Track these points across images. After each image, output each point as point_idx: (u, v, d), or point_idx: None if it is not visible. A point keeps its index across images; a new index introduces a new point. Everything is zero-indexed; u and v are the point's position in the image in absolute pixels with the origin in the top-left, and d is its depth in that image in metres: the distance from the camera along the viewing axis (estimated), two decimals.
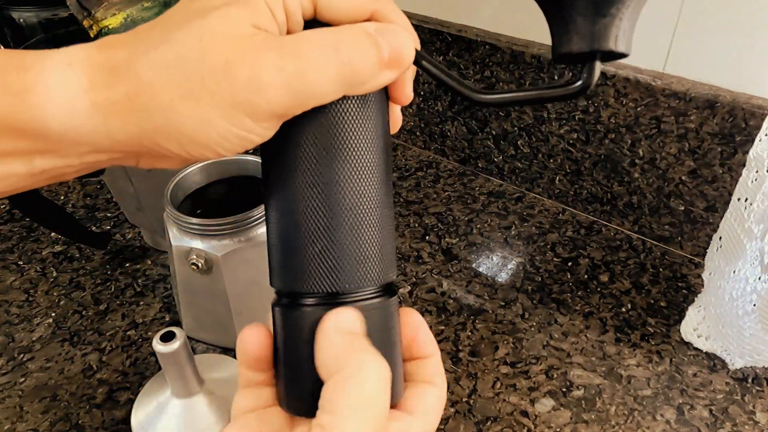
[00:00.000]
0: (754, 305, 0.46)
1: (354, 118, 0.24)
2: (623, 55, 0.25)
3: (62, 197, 0.75)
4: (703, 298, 0.52)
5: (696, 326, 0.53)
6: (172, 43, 0.21)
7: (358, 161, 0.24)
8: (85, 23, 0.52)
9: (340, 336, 0.23)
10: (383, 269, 0.25)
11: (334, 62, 0.22)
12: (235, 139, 0.22)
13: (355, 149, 0.24)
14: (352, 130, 0.24)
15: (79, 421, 0.49)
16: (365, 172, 0.24)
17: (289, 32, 0.23)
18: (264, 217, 0.48)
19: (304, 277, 0.24)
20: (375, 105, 0.25)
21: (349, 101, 0.24)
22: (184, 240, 0.49)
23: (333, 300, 0.24)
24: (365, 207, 0.25)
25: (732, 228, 0.47)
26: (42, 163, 0.22)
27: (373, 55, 0.23)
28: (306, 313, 0.24)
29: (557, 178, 0.70)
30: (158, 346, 0.40)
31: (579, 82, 0.25)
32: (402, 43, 0.23)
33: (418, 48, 0.25)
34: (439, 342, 0.55)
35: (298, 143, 0.24)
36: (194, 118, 0.21)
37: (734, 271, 0.47)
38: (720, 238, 0.49)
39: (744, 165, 0.45)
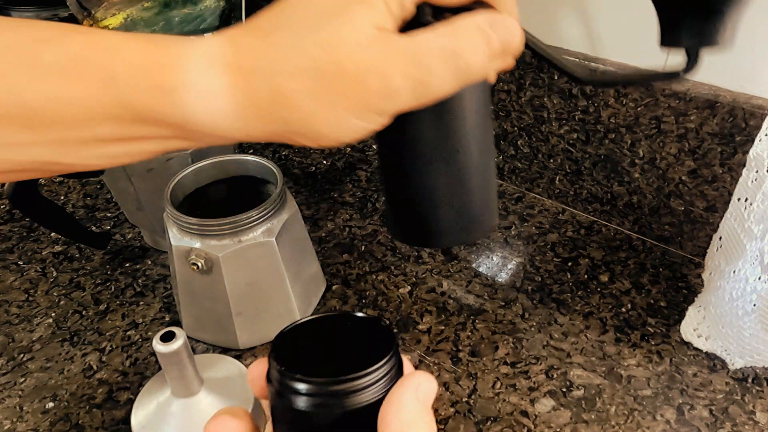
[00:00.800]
0: (754, 305, 0.46)
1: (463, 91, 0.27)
2: (725, 47, 0.28)
3: (62, 197, 0.75)
4: (703, 298, 0.52)
5: (696, 326, 0.53)
6: (305, 54, 0.23)
7: (469, 119, 0.28)
8: (85, 23, 0.52)
9: (415, 403, 0.23)
10: (493, 217, 0.31)
11: (455, 69, 0.24)
12: (362, 131, 0.25)
13: (464, 109, 0.28)
14: (462, 96, 0.27)
15: (79, 421, 0.49)
16: (476, 127, 0.28)
17: (402, 20, 0.25)
18: (265, 217, 0.49)
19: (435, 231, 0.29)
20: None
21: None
22: (184, 240, 0.49)
23: (335, 390, 0.22)
24: (483, 152, 0.29)
25: (732, 228, 0.47)
26: (175, 145, 0.25)
27: (487, 52, 0.25)
28: (307, 413, 0.22)
29: (557, 178, 0.70)
30: (158, 346, 0.40)
31: (684, 68, 0.29)
32: (513, 34, 0.26)
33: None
34: (438, 342, 0.55)
35: (414, 119, 0.27)
36: (330, 121, 0.24)
37: (734, 271, 0.47)
38: (720, 238, 0.49)
39: (744, 165, 0.45)
